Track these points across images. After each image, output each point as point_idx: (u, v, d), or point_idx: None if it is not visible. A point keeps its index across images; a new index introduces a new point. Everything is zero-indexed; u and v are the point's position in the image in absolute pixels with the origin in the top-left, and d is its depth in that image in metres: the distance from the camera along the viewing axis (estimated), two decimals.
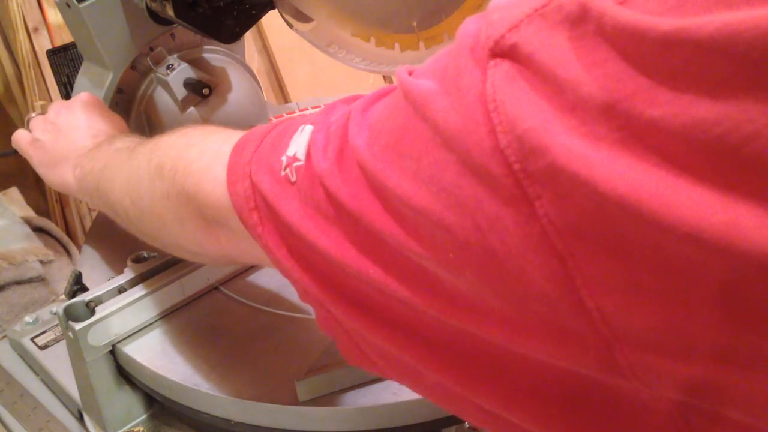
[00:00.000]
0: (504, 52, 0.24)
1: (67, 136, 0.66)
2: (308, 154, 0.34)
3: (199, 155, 0.44)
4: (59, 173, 0.64)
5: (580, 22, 0.23)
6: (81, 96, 0.71)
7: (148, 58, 0.75)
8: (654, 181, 0.21)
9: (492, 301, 0.26)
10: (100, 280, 0.68)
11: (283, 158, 0.35)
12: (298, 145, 0.35)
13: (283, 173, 0.35)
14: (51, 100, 1.57)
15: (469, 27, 0.27)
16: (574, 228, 0.23)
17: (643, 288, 0.22)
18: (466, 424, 0.53)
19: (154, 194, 0.47)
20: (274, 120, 0.90)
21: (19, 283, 1.09)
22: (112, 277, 0.66)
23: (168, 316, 0.65)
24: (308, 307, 0.43)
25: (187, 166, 0.44)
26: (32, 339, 0.79)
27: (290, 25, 0.63)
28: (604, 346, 0.24)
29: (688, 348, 0.22)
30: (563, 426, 0.27)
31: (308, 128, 0.35)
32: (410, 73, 0.30)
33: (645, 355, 0.23)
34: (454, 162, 0.25)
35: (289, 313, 0.63)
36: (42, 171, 0.68)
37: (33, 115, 0.73)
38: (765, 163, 0.19)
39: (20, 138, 0.72)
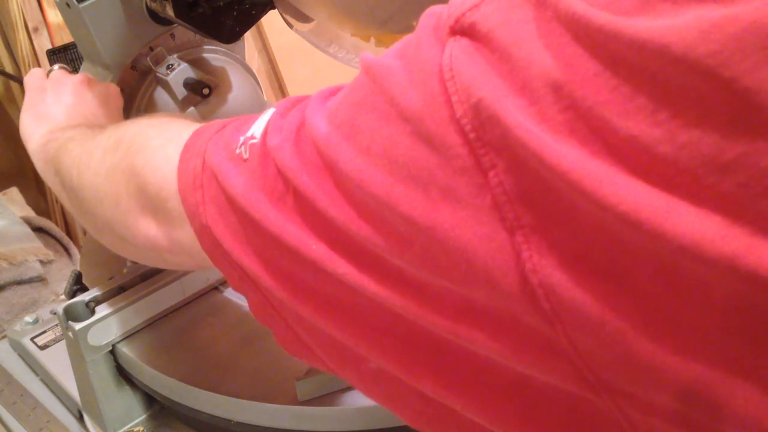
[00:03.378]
0: (464, 29, 0.25)
1: (68, 110, 0.66)
2: (264, 133, 0.34)
3: (158, 134, 0.44)
4: (34, 126, 0.63)
5: (540, 5, 0.23)
6: (109, 85, 0.71)
7: (148, 58, 0.75)
8: (594, 166, 0.21)
9: (436, 281, 0.26)
10: (100, 280, 0.68)
11: (241, 138, 0.35)
12: (257, 126, 0.35)
13: (237, 151, 0.35)
14: None
15: (435, 9, 0.27)
16: (525, 197, 0.23)
17: (587, 263, 0.22)
18: None
19: (101, 167, 0.46)
20: None
21: (19, 283, 1.09)
22: (112, 277, 0.67)
23: (168, 316, 0.65)
24: None
25: (144, 142, 0.43)
26: (32, 339, 0.79)
27: (290, 25, 0.63)
28: (546, 324, 0.24)
29: (619, 333, 0.22)
30: (513, 418, 0.27)
31: (270, 110, 0.35)
32: None
33: (585, 336, 0.23)
34: (409, 133, 0.26)
35: None
36: (24, 114, 0.67)
37: (56, 67, 0.72)
38: (693, 162, 0.20)
39: (35, 76, 0.71)
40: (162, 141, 0.42)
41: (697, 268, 0.20)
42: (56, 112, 0.65)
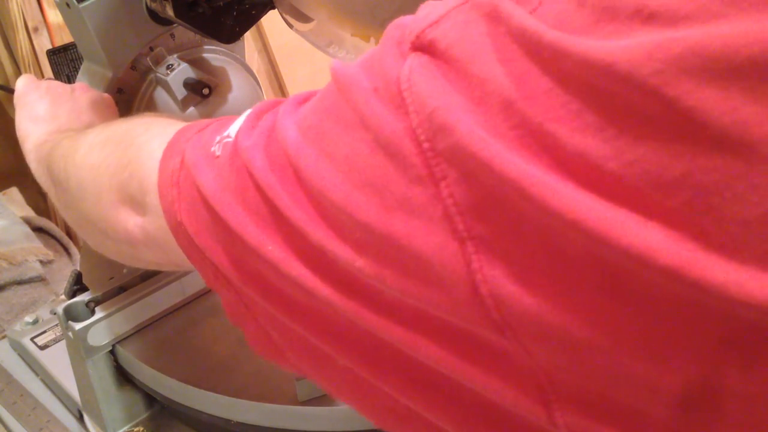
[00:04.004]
0: (423, 46, 0.26)
1: (64, 114, 0.66)
2: (238, 132, 0.34)
3: (146, 130, 0.44)
4: (31, 127, 0.64)
5: (494, 21, 0.24)
6: (102, 94, 0.72)
7: (148, 58, 0.75)
8: (543, 175, 0.22)
9: (390, 289, 0.26)
10: (100, 280, 0.68)
11: (217, 137, 0.36)
12: (234, 126, 0.35)
13: (212, 149, 0.35)
14: None
15: (401, 20, 0.28)
16: (475, 209, 0.23)
17: (536, 272, 0.23)
18: None
19: (87, 161, 0.47)
20: None
21: (19, 283, 1.09)
22: (113, 277, 0.67)
23: (168, 316, 0.65)
24: None
25: (132, 139, 0.44)
26: (32, 339, 0.79)
27: (290, 25, 0.63)
28: (497, 334, 0.24)
29: (574, 341, 0.22)
30: (480, 427, 0.27)
31: (248, 111, 0.35)
32: None
33: (539, 345, 0.23)
34: (369, 141, 0.26)
35: None
36: (20, 116, 0.67)
37: (51, 78, 0.73)
38: (639, 179, 0.20)
39: (28, 80, 0.72)
40: (148, 137, 0.43)
41: (642, 276, 0.21)
42: (53, 116, 0.66)
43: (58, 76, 0.95)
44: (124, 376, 0.63)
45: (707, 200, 0.20)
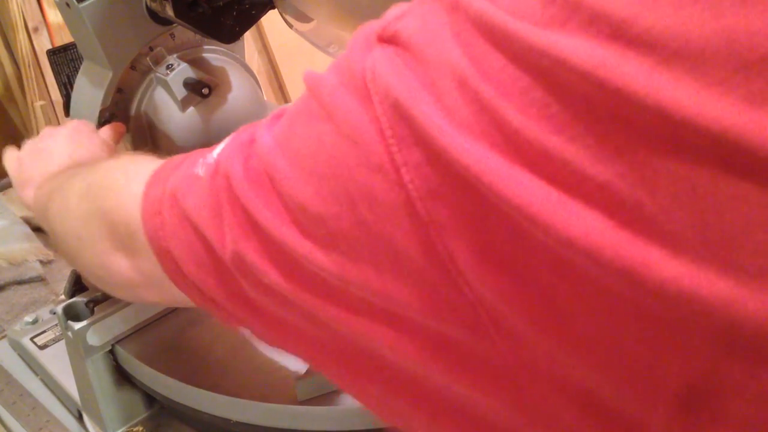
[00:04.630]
0: (389, 38, 0.26)
1: (42, 159, 0.67)
2: (221, 152, 0.35)
3: (123, 174, 0.45)
4: (27, 193, 0.65)
5: (454, 9, 0.25)
6: (71, 122, 0.72)
7: (148, 58, 0.75)
8: (492, 160, 0.22)
9: (369, 277, 0.27)
10: None
11: (201, 160, 0.36)
12: (218, 147, 0.36)
13: (195, 170, 0.36)
14: (51, 100, 1.57)
15: (369, 22, 0.29)
16: (434, 194, 0.24)
17: (493, 259, 0.23)
18: None
19: (78, 213, 0.48)
20: None
21: (19, 283, 1.09)
22: None
23: (168, 316, 0.65)
24: None
25: (110, 184, 0.45)
26: (32, 339, 0.79)
27: (290, 25, 0.63)
28: (472, 312, 0.24)
29: (535, 323, 0.23)
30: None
31: (232, 135, 0.36)
32: None
33: (509, 323, 0.24)
34: (332, 132, 0.27)
35: None
36: (16, 188, 0.68)
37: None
38: (578, 154, 0.21)
39: (8, 155, 0.72)
40: (126, 180, 0.44)
41: (585, 265, 0.21)
42: (48, 163, 0.66)
43: (58, 76, 0.94)
44: (123, 376, 0.63)
45: (641, 172, 0.20)
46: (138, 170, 0.43)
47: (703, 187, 0.20)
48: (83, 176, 0.51)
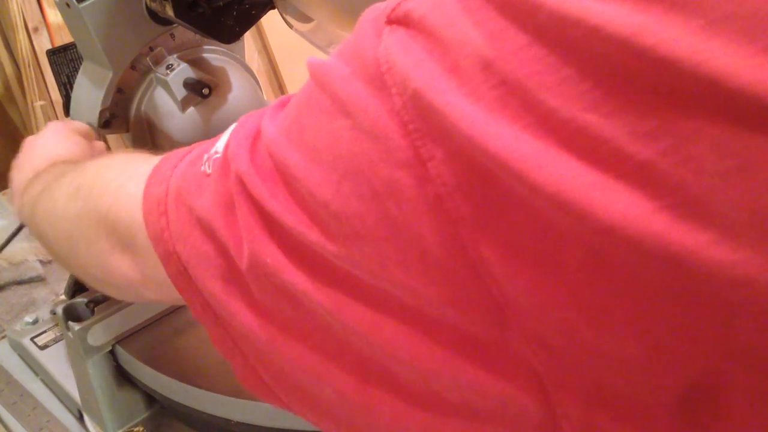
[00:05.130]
0: (399, 19, 0.25)
1: (26, 151, 0.65)
2: (226, 146, 0.33)
3: (117, 175, 0.43)
4: (17, 201, 0.63)
5: None
6: (50, 123, 0.71)
7: (148, 58, 0.75)
8: (523, 145, 0.21)
9: (394, 275, 0.25)
10: None
11: (205, 156, 0.35)
12: (221, 142, 0.34)
13: (202, 168, 0.34)
14: (51, 100, 1.57)
15: (376, 5, 0.27)
16: (462, 188, 0.23)
17: (524, 251, 0.22)
18: None
19: (68, 215, 0.46)
20: None
21: (19, 283, 1.09)
22: None
23: (168, 316, 0.65)
24: None
25: (104, 185, 0.43)
26: (32, 339, 0.79)
27: (290, 25, 0.63)
28: (496, 309, 0.23)
29: (566, 324, 0.22)
30: None
31: (232, 126, 0.35)
32: None
33: (531, 323, 0.23)
34: (350, 128, 0.25)
35: None
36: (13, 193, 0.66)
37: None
38: (615, 130, 0.20)
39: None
40: (122, 180, 0.42)
41: (621, 250, 0.20)
42: (19, 178, 0.64)
43: (58, 76, 0.94)
44: (123, 376, 0.64)
45: (683, 150, 0.19)
46: (135, 168, 0.41)
47: (756, 165, 0.18)
48: (71, 176, 0.49)
